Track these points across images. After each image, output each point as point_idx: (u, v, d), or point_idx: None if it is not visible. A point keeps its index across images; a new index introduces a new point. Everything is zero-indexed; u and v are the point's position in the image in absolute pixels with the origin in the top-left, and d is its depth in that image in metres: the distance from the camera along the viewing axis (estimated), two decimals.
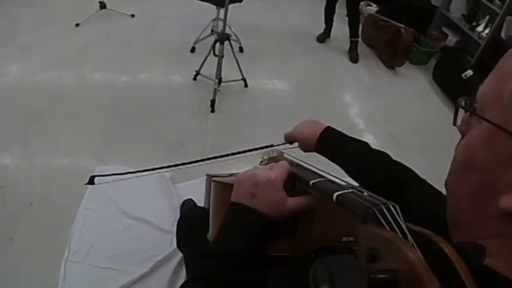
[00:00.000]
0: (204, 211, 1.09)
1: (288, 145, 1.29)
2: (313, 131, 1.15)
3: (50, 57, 3.75)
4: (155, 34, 4.48)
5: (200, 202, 2.27)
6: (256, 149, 1.32)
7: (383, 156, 1.07)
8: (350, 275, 0.46)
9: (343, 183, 0.76)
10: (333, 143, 1.12)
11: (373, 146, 1.12)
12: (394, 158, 1.07)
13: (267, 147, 1.30)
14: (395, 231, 0.47)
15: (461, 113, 0.56)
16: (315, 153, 1.16)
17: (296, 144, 1.26)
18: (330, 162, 1.11)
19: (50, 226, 2.21)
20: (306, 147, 1.20)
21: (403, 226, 0.47)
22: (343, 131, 1.15)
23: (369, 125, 3.43)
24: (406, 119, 3.59)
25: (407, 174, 1.01)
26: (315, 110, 3.47)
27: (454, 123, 0.58)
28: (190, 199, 2.30)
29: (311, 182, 0.75)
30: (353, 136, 1.14)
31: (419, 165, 1.12)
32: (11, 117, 2.97)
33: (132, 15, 4.74)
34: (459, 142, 0.56)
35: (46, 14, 4.60)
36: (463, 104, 0.54)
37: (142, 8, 4.91)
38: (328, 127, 1.15)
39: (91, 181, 1.34)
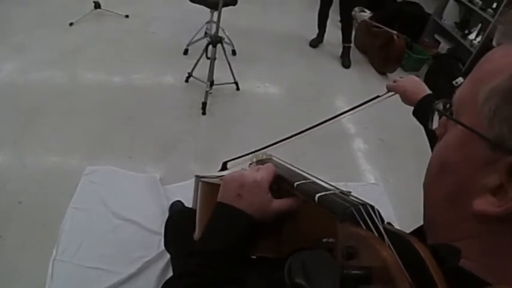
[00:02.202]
0: (192, 212, 1.10)
1: (390, 93, 1.43)
2: (415, 92, 1.29)
3: (43, 57, 3.74)
4: (149, 35, 4.48)
5: (189, 204, 2.27)
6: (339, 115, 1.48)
7: None
8: (324, 269, 0.47)
9: (327, 186, 0.77)
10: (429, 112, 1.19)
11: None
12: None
13: (370, 100, 1.47)
14: (372, 231, 0.48)
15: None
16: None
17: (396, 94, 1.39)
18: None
19: (40, 225, 2.20)
20: (404, 101, 1.38)
21: (380, 226, 0.48)
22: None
23: (360, 130, 3.44)
24: (397, 124, 3.60)
25: None
26: (306, 114, 3.47)
27: (430, 126, 0.58)
28: (179, 200, 2.30)
29: (295, 184, 0.76)
30: None
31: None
32: (2, 116, 2.96)
33: (127, 16, 4.74)
34: (436, 145, 0.56)
35: (40, 12, 4.59)
36: (440, 107, 0.55)
37: (137, 9, 4.91)
38: (430, 94, 1.25)
39: (224, 166, 1.39)
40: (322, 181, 0.82)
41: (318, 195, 0.66)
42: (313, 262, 0.48)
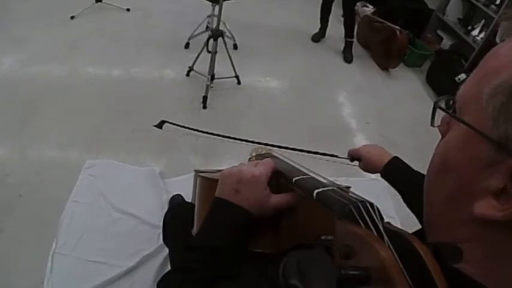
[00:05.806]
0: (191, 206, 1.09)
1: (348, 161, 1.44)
2: (380, 157, 1.28)
3: (43, 50, 3.73)
4: (150, 29, 4.46)
5: (189, 198, 2.26)
6: (319, 154, 1.56)
7: None
8: (320, 270, 0.46)
9: (326, 181, 0.76)
10: (400, 173, 1.23)
11: None
12: None
13: (329, 155, 1.54)
14: (371, 229, 0.47)
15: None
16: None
17: (356, 162, 1.39)
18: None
19: (39, 218, 2.20)
20: (367, 167, 1.33)
21: (379, 224, 0.47)
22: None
23: (361, 125, 3.44)
24: (398, 120, 3.60)
25: None
26: (308, 109, 3.45)
27: (432, 124, 0.56)
28: (178, 194, 2.30)
29: (294, 179, 0.76)
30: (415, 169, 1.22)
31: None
32: (2, 109, 2.95)
33: (128, 9, 4.73)
34: (439, 143, 0.54)
35: (41, 5, 4.56)
36: (442, 104, 0.53)
37: (138, 2, 4.88)
38: (396, 157, 1.26)
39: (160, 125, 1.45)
40: (322, 177, 0.82)
41: (316, 191, 0.65)
42: (309, 262, 0.47)
